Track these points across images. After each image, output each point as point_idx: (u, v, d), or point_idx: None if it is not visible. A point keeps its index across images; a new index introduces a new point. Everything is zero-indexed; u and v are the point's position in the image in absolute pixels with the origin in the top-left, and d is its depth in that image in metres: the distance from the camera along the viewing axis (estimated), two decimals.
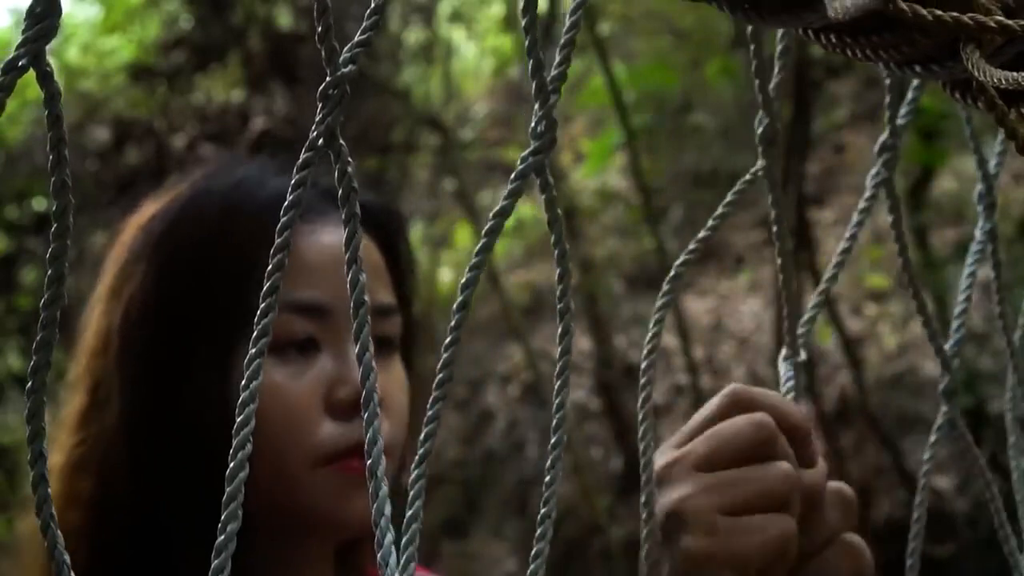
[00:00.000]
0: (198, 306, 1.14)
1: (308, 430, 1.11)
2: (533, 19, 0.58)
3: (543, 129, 0.60)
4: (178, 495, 1.11)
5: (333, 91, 0.50)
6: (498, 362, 6.87)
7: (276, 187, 1.16)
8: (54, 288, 0.49)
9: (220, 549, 0.50)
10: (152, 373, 1.14)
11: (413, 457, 0.58)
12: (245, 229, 1.14)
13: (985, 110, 0.51)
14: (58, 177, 0.47)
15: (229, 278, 1.13)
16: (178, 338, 1.14)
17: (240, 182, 1.18)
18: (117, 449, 1.13)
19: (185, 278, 1.15)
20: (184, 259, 1.16)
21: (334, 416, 1.12)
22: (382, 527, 0.51)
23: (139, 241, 1.17)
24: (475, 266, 0.58)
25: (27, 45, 0.45)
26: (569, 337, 0.61)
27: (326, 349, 1.14)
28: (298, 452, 1.11)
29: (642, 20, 6.83)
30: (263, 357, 0.51)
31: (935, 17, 0.48)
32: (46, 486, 0.51)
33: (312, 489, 1.11)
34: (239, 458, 0.50)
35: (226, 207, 1.16)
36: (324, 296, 1.14)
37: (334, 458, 1.11)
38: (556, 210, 0.62)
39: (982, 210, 0.94)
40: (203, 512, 1.08)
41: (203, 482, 1.08)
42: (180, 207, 1.18)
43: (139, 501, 1.12)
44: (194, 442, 1.11)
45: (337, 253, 1.13)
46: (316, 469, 1.11)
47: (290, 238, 0.51)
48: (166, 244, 1.16)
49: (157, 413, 1.13)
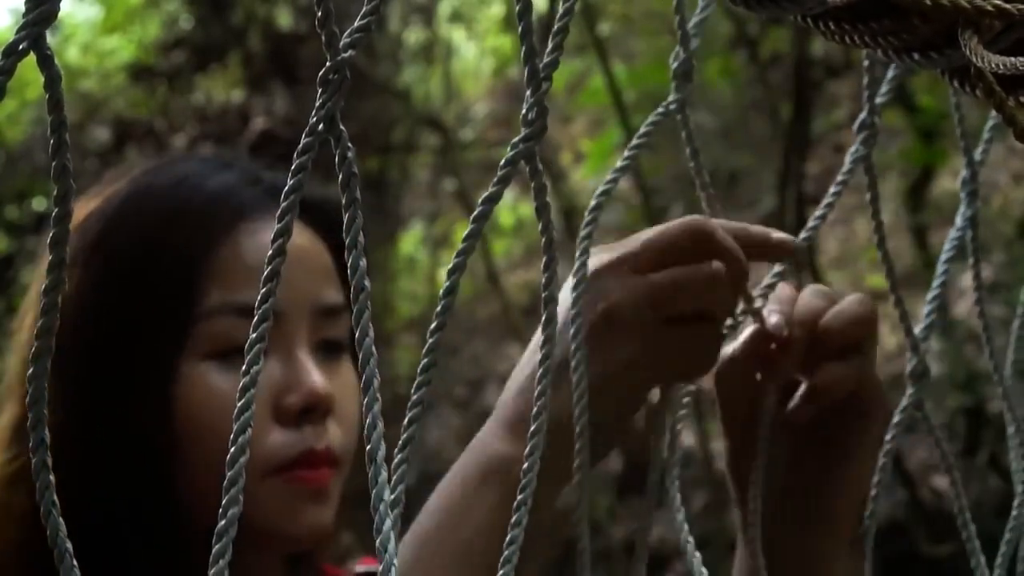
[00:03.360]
0: (140, 311, 1.08)
1: (256, 439, 1.05)
2: (527, 6, 0.58)
3: (534, 116, 0.60)
4: (117, 507, 1.06)
5: (333, 76, 0.50)
6: (498, 362, 6.87)
7: (220, 183, 1.11)
8: (55, 273, 0.49)
9: (220, 534, 0.50)
10: (91, 381, 1.08)
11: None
12: (186, 234, 1.09)
13: (983, 97, 0.51)
14: (59, 162, 0.47)
15: (173, 281, 1.07)
16: (118, 345, 1.08)
17: (182, 179, 1.12)
18: (55, 462, 1.07)
19: (125, 282, 1.09)
20: (124, 261, 1.09)
21: (283, 423, 1.07)
22: (381, 513, 0.51)
23: (74, 244, 1.08)
24: (463, 251, 0.58)
25: (27, 29, 0.45)
26: (553, 325, 0.62)
27: (273, 354, 1.07)
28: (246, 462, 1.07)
29: (642, 20, 6.83)
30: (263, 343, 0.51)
31: (933, 2, 0.48)
32: (48, 473, 0.51)
33: (261, 501, 1.05)
34: (240, 442, 0.50)
35: (169, 206, 1.10)
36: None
37: (284, 467, 1.06)
38: (545, 197, 0.62)
39: (964, 196, 0.94)
40: (143, 523, 1.06)
41: (144, 493, 1.06)
42: (118, 206, 1.11)
43: (77, 514, 1.07)
44: (135, 453, 1.06)
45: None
46: (265, 479, 1.06)
47: (290, 223, 0.51)
48: (104, 246, 1.09)
49: (96, 423, 1.07)
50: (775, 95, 5.13)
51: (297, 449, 1.07)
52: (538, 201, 0.63)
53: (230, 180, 1.13)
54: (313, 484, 1.08)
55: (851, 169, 0.92)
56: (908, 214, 5.25)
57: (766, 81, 4.98)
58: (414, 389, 0.58)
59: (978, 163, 0.95)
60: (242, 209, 1.11)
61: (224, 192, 1.12)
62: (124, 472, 1.07)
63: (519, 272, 7.20)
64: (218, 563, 0.50)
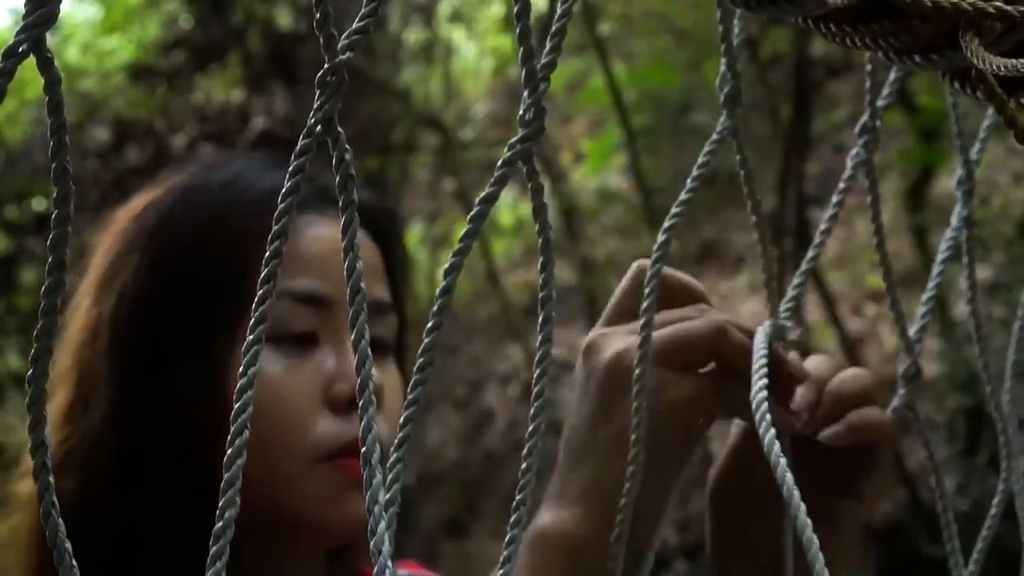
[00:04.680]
0: (192, 299, 1.11)
1: (306, 425, 1.08)
2: (525, 7, 0.58)
3: (531, 117, 0.60)
4: (164, 493, 1.08)
5: (331, 78, 0.50)
6: (498, 362, 6.87)
7: (274, 181, 1.14)
8: (55, 275, 0.49)
9: (218, 536, 0.49)
10: (143, 365, 1.10)
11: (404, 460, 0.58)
12: (241, 223, 1.11)
13: (984, 99, 0.51)
14: (59, 164, 0.47)
15: (224, 272, 1.10)
16: (171, 331, 1.11)
17: (237, 176, 1.16)
18: (103, 446, 1.09)
19: (180, 270, 1.12)
20: (180, 251, 1.13)
21: (333, 411, 1.09)
22: (375, 514, 0.51)
23: (132, 232, 1.14)
24: (459, 251, 0.58)
25: (27, 31, 0.45)
26: (549, 326, 0.62)
27: (325, 343, 1.10)
28: (295, 448, 1.07)
29: (642, 20, 6.83)
30: (260, 344, 0.51)
31: (934, 3, 0.47)
32: (47, 474, 0.51)
33: (308, 488, 1.08)
34: (237, 445, 0.50)
35: (222, 200, 1.14)
36: (324, 287, 1.11)
37: (333, 455, 1.08)
38: (542, 198, 0.62)
39: (960, 195, 0.94)
40: (191, 510, 1.06)
41: (191, 480, 1.06)
42: (176, 199, 1.15)
43: (123, 499, 1.09)
44: (183, 438, 1.08)
45: (337, 246, 1.09)
46: (314, 466, 1.08)
47: (287, 226, 0.51)
48: (161, 235, 1.13)
49: (146, 407, 1.10)
50: (775, 95, 5.12)
51: (346, 438, 1.08)
52: (535, 202, 0.63)
53: (285, 177, 1.15)
54: (360, 473, 1.08)
55: (853, 175, 0.92)
56: (908, 214, 5.25)
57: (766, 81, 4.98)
58: (410, 388, 0.58)
59: (974, 162, 0.95)
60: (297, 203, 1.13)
61: (278, 187, 1.14)
62: (173, 453, 1.08)
63: (519, 272, 7.20)
64: (215, 564, 0.50)
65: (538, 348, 0.64)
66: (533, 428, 0.66)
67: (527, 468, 0.65)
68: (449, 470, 6.49)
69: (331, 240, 1.13)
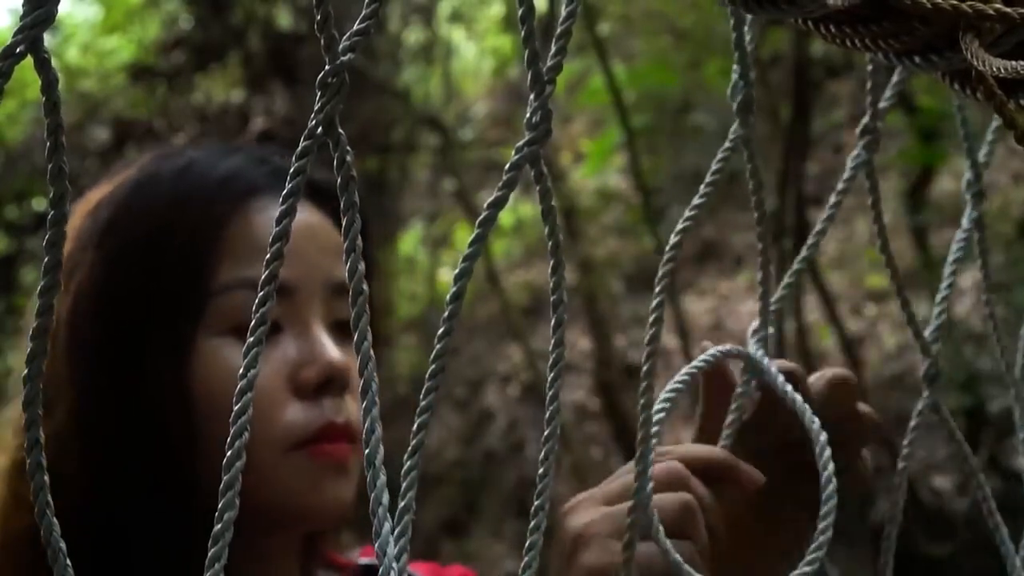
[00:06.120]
0: (152, 293, 1.09)
1: (276, 414, 1.07)
2: (529, 10, 0.57)
3: (538, 120, 0.60)
4: (133, 492, 1.07)
5: (332, 79, 0.50)
6: (498, 362, 6.87)
7: (228, 167, 1.13)
8: (50, 276, 0.49)
9: (217, 538, 0.49)
10: (105, 365, 1.08)
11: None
12: (198, 211, 1.10)
13: (984, 100, 0.51)
14: (55, 165, 0.47)
15: (184, 263, 1.09)
16: (132, 328, 1.09)
17: (189, 164, 1.13)
18: (67, 448, 1.06)
19: (138, 265, 1.10)
20: (136, 245, 1.10)
21: (301, 397, 1.08)
22: (380, 516, 0.50)
23: (85, 229, 1.11)
24: (469, 256, 0.58)
25: (25, 32, 0.45)
26: (562, 329, 0.61)
27: (288, 329, 1.09)
28: (267, 437, 1.06)
29: (642, 20, 6.83)
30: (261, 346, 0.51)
31: (934, 5, 0.47)
32: (42, 474, 0.51)
33: (284, 476, 1.07)
34: (236, 446, 0.50)
35: (177, 189, 1.12)
36: (284, 274, 1.10)
37: (306, 441, 1.07)
38: (550, 201, 0.62)
39: (969, 198, 0.94)
40: (160, 508, 1.06)
41: (160, 477, 1.06)
42: (129, 192, 1.13)
43: (90, 502, 1.06)
44: (151, 435, 1.06)
45: (297, 229, 1.08)
46: (288, 454, 1.07)
47: (287, 228, 0.51)
48: (116, 230, 1.11)
49: (111, 407, 1.08)
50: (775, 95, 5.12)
51: (317, 423, 1.08)
52: (544, 205, 0.63)
53: (238, 162, 1.15)
54: (335, 457, 1.08)
55: (853, 176, 0.92)
56: (908, 214, 5.25)
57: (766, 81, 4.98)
58: (423, 395, 0.58)
59: (982, 164, 0.95)
60: (251, 188, 1.12)
61: (233, 173, 1.13)
62: (141, 450, 1.07)
63: (519, 272, 7.20)
64: (214, 567, 0.50)
65: (551, 351, 0.64)
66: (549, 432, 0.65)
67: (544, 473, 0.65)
68: (449, 470, 6.49)
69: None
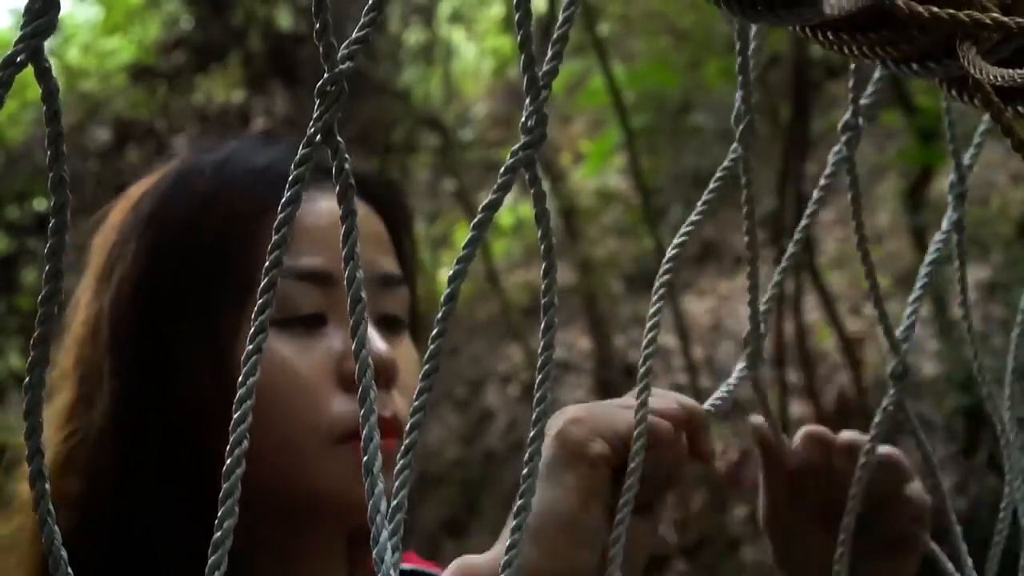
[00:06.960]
0: (193, 284, 1.09)
1: (321, 406, 1.06)
2: (526, 14, 0.58)
3: (533, 124, 0.60)
4: (172, 489, 1.06)
5: (331, 88, 0.50)
6: (498, 362, 6.87)
7: (266, 157, 1.13)
8: (51, 284, 0.49)
9: (216, 545, 0.49)
10: (145, 357, 1.08)
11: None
12: (236, 201, 1.10)
13: (981, 107, 0.51)
14: (56, 173, 0.47)
15: (225, 252, 1.08)
16: (173, 319, 1.09)
17: (230, 156, 1.14)
18: (107, 442, 1.07)
19: (178, 255, 1.10)
20: (176, 235, 1.11)
21: (347, 390, 1.07)
22: (377, 524, 0.51)
23: (128, 222, 1.12)
24: (463, 259, 0.58)
25: (25, 41, 0.45)
26: (552, 331, 0.62)
27: (333, 321, 1.09)
28: (312, 430, 1.06)
29: (642, 20, 6.83)
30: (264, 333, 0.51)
31: (931, 14, 0.48)
32: (44, 482, 0.51)
33: (329, 469, 1.06)
34: (235, 455, 0.50)
35: (216, 180, 1.12)
36: (328, 264, 1.09)
37: (353, 435, 1.05)
38: (544, 205, 0.62)
39: (952, 199, 0.95)
40: (199, 506, 1.06)
41: (200, 474, 1.04)
42: (169, 185, 1.13)
43: (129, 497, 1.07)
44: (189, 429, 1.06)
45: (337, 220, 1.05)
46: (334, 447, 1.06)
47: (287, 234, 0.51)
48: (157, 222, 1.11)
49: (151, 399, 1.07)
50: (775, 95, 5.13)
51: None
52: (537, 208, 0.63)
53: (278, 153, 1.15)
54: (382, 452, 1.07)
55: (833, 172, 0.92)
56: (907, 214, 5.25)
57: (766, 82, 4.98)
58: (416, 395, 0.58)
59: (967, 167, 0.95)
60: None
61: (273, 162, 1.14)
62: (180, 446, 1.07)
63: (518, 272, 7.20)
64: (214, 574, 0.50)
65: (540, 353, 0.64)
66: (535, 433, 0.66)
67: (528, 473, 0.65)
68: (449, 470, 6.49)
69: (329, 214, 1.11)
